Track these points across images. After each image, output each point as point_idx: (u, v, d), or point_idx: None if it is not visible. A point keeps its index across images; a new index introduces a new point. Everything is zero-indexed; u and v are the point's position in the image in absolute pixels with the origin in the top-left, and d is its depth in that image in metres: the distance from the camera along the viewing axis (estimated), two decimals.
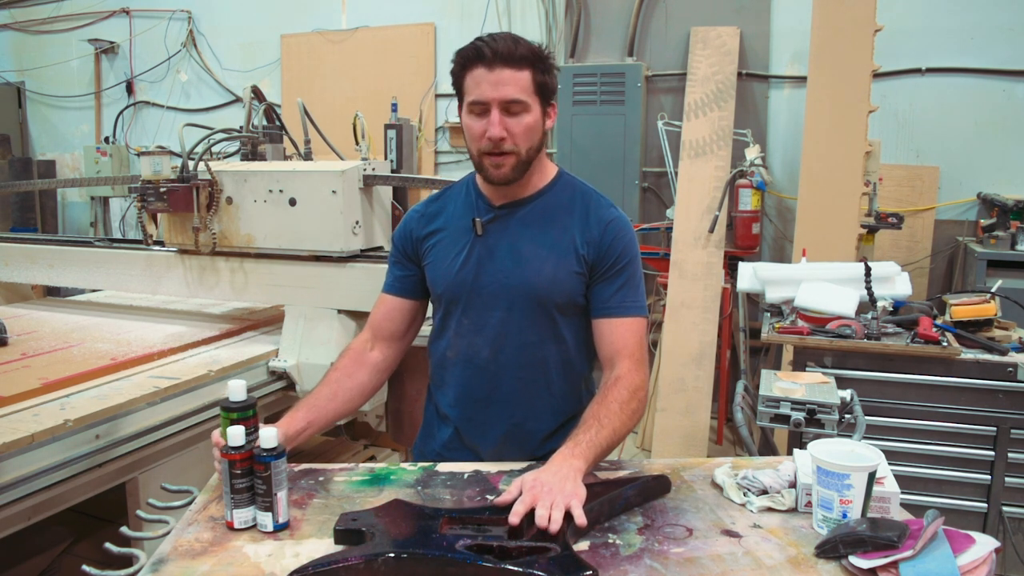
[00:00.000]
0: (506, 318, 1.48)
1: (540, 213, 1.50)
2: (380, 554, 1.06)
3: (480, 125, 1.40)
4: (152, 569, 1.10)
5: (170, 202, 2.48)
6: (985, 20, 3.97)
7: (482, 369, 1.47)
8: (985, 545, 1.07)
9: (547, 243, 1.48)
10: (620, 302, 1.47)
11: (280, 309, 2.76)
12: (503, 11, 4.90)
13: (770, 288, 2.73)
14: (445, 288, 1.53)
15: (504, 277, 1.48)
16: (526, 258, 1.47)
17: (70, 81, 6.26)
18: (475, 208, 1.53)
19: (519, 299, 1.47)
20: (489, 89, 1.37)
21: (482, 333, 1.50)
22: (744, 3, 4.32)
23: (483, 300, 1.49)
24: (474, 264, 1.50)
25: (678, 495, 1.32)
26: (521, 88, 1.38)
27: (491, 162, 1.43)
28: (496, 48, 1.36)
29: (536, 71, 1.40)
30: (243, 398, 1.31)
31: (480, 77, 1.38)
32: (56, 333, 2.62)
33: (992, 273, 3.48)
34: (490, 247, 1.50)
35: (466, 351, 1.52)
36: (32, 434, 1.73)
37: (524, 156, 1.43)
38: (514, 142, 1.40)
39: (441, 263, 1.54)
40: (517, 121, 1.40)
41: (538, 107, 1.42)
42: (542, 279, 1.46)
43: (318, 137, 2.82)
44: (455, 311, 1.53)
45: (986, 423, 2.40)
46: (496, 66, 1.37)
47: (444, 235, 1.55)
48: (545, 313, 1.48)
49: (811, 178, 3.60)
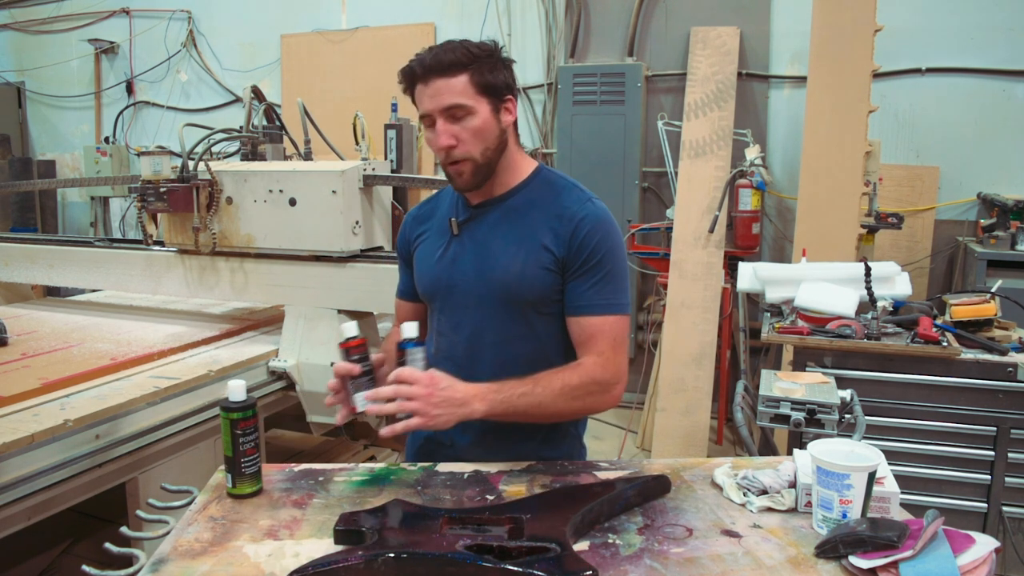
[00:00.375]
0: (479, 316, 1.50)
1: (512, 210, 1.50)
2: (380, 554, 1.06)
3: (433, 138, 1.43)
4: (152, 569, 1.10)
5: (170, 202, 2.48)
6: (985, 20, 3.97)
7: (460, 367, 1.46)
8: (985, 545, 1.07)
9: (516, 240, 1.47)
10: (592, 300, 1.44)
11: (280, 309, 2.76)
12: (503, 11, 4.91)
13: (770, 288, 2.73)
14: (424, 287, 1.58)
15: (475, 275, 1.49)
16: (495, 255, 1.48)
17: (70, 81, 6.26)
18: (455, 209, 1.55)
19: (489, 297, 1.48)
20: (428, 101, 1.40)
21: (458, 331, 1.52)
22: (744, 3, 4.32)
23: (456, 298, 1.52)
24: (448, 263, 1.52)
25: (678, 495, 1.31)
26: (458, 93, 1.39)
27: (452, 171, 1.45)
28: (425, 61, 1.39)
29: (474, 72, 1.40)
30: (243, 398, 1.31)
31: (420, 93, 1.42)
32: (56, 333, 2.62)
33: (992, 273, 3.48)
34: (464, 246, 1.52)
35: (446, 349, 1.54)
36: (32, 434, 1.73)
37: (480, 159, 1.43)
38: (465, 148, 1.41)
39: (423, 263, 1.58)
40: (462, 127, 1.40)
41: (486, 106, 1.42)
42: (510, 276, 1.46)
43: (318, 137, 2.82)
44: (435, 310, 1.57)
45: (986, 423, 2.40)
46: (430, 79, 1.39)
47: (428, 235, 1.59)
48: (517, 310, 1.48)
49: (811, 178, 3.60)
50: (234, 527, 1.22)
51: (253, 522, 1.24)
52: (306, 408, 2.55)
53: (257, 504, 1.30)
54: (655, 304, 4.26)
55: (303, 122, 2.74)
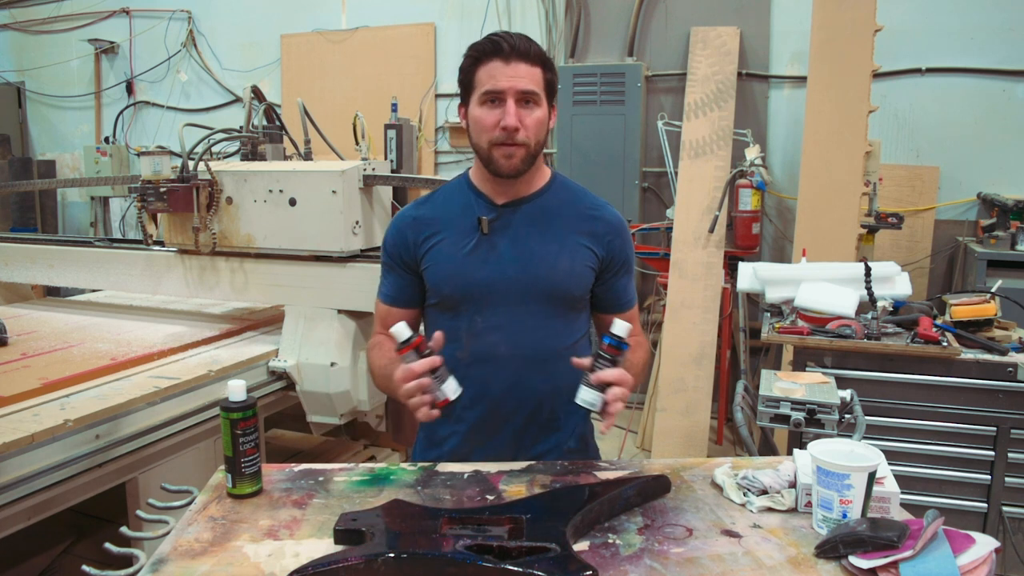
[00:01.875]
0: (522, 314, 1.50)
1: (543, 211, 1.53)
2: (380, 554, 1.06)
3: (493, 115, 1.43)
4: (152, 569, 1.10)
5: (170, 202, 2.48)
6: (985, 20, 3.97)
7: (501, 367, 1.48)
8: (985, 545, 1.07)
9: (556, 240, 1.52)
10: (631, 295, 1.61)
11: (280, 309, 2.76)
12: (503, 11, 4.91)
13: (770, 288, 2.73)
14: (453, 289, 1.52)
15: (517, 273, 1.49)
16: (539, 255, 1.50)
17: (70, 81, 6.26)
18: (475, 207, 1.53)
19: (534, 294, 1.50)
20: (506, 80, 1.42)
21: (498, 330, 1.51)
22: (744, 3, 4.32)
23: (496, 297, 1.50)
24: (480, 262, 1.50)
25: (678, 495, 1.31)
26: (535, 82, 1.44)
27: (502, 152, 1.44)
28: (513, 43, 1.42)
29: (546, 69, 1.46)
30: (243, 398, 1.31)
31: (496, 69, 1.42)
32: (56, 333, 2.62)
33: (992, 273, 3.48)
34: (497, 245, 1.50)
35: (483, 350, 1.51)
36: (32, 434, 1.73)
37: (533, 149, 1.47)
38: (526, 134, 1.44)
39: (446, 265, 1.52)
40: (529, 113, 1.44)
41: (545, 104, 1.47)
42: (558, 273, 1.50)
43: (318, 137, 2.82)
44: (466, 312, 1.52)
45: (986, 423, 2.41)
46: (513, 60, 1.42)
47: (444, 236, 1.54)
48: (559, 307, 1.53)
49: (811, 178, 3.60)
50: (234, 527, 1.22)
51: (253, 522, 1.24)
52: (306, 408, 2.55)
53: (257, 504, 1.30)
54: (655, 304, 4.26)
55: (303, 122, 2.74)
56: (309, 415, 2.56)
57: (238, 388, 1.31)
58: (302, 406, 2.56)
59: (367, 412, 2.60)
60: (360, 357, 2.50)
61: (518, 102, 1.42)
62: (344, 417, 2.55)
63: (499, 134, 1.43)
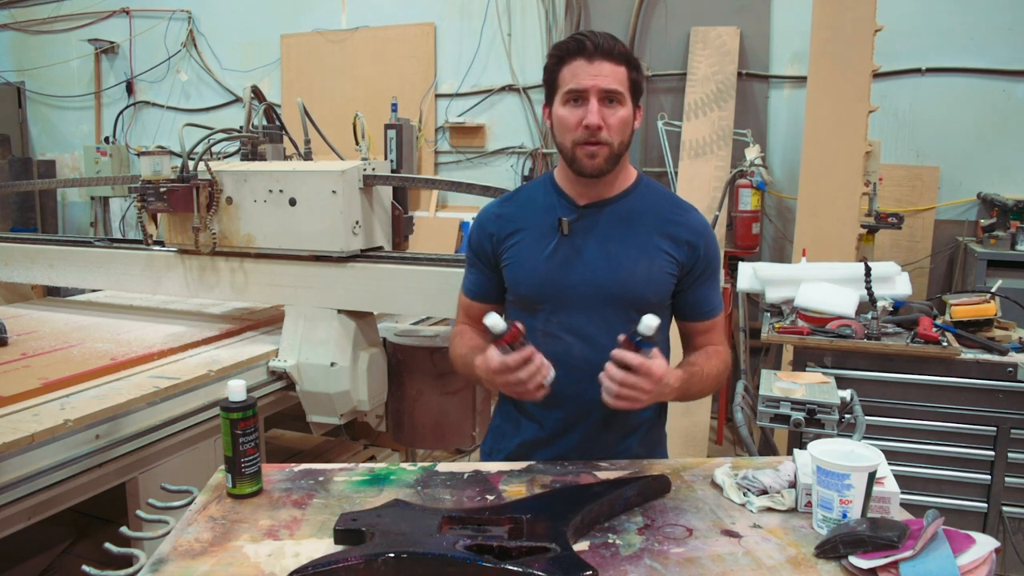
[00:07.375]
0: (597, 317, 1.48)
1: (626, 214, 1.51)
2: (380, 554, 1.06)
3: (576, 115, 1.42)
4: (152, 569, 1.10)
5: (170, 202, 2.48)
6: (985, 20, 3.97)
7: (576, 368, 1.46)
8: (985, 545, 1.07)
9: (637, 244, 1.49)
10: (714, 302, 1.58)
11: (280, 309, 2.76)
12: (503, 11, 4.91)
13: (770, 288, 2.73)
14: (530, 288, 1.52)
15: (596, 277, 1.48)
16: (618, 258, 1.48)
17: (70, 81, 6.26)
18: (557, 208, 1.52)
19: (612, 299, 1.48)
20: (589, 79, 1.40)
21: (574, 332, 1.49)
22: (744, 3, 4.32)
23: (574, 300, 1.49)
24: (560, 264, 1.49)
25: (678, 495, 1.31)
26: (619, 81, 1.42)
27: (585, 152, 1.43)
28: (597, 42, 1.41)
29: (631, 69, 1.44)
30: (243, 398, 1.31)
31: (579, 68, 1.41)
32: (56, 333, 2.62)
33: (992, 273, 3.48)
34: (578, 247, 1.49)
35: (559, 352, 1.47)
36: (32, 434, 1.73)
37: (616, 149, 1.44)
38: (609, 133, 1.42)
39: (525, 264, 1.52)
40: (613, 112, 1.42)
41: (630, 104, 1.45)
42: (637, 279, 1.48)
43: (318, 137, 2.82)
44: (542, 312, 1.52)
45: (986, 423, 2.41)
46: (596, 58, 1.40)
47: (525, 235, 1.53)
48: (633, 312, 1.46)
49: (811, 178, 3.60)
50: (234, 527, 1.22)
51: (253, 522, 1.24)
52: (306, 408, 2.55)
53: (257, 504, 1.30)
54: None
55: (303, 122, 2.74)
56: (309, 415, 2.56)
57: (238, 388, 1.31)
58: (302, 406, 2.56)
59: (367, 412, 2.60)
60: (360, 357, 2.50)
61: (601, 101, 1.40)
62: (344, 417, 2.55)
63: (582, 133, 1.41)
